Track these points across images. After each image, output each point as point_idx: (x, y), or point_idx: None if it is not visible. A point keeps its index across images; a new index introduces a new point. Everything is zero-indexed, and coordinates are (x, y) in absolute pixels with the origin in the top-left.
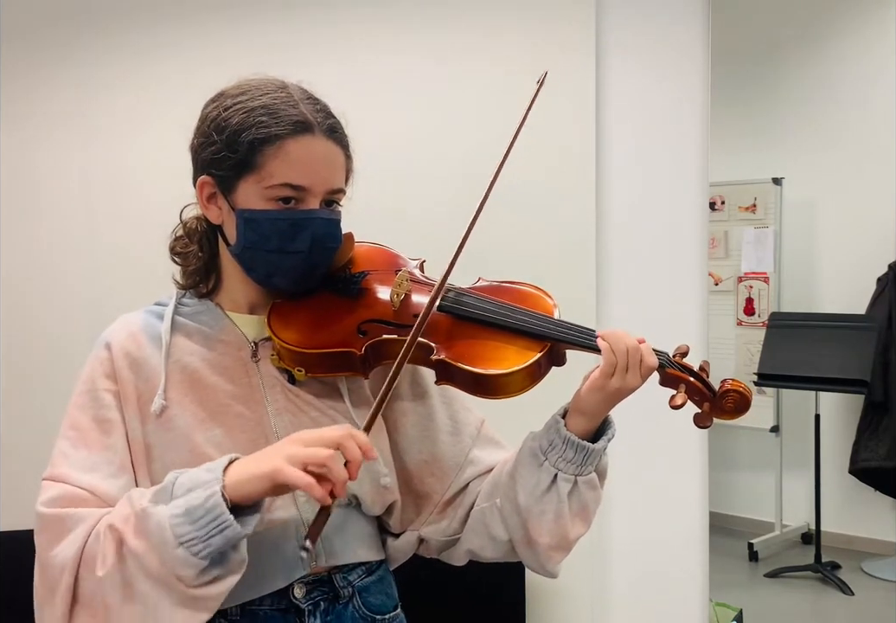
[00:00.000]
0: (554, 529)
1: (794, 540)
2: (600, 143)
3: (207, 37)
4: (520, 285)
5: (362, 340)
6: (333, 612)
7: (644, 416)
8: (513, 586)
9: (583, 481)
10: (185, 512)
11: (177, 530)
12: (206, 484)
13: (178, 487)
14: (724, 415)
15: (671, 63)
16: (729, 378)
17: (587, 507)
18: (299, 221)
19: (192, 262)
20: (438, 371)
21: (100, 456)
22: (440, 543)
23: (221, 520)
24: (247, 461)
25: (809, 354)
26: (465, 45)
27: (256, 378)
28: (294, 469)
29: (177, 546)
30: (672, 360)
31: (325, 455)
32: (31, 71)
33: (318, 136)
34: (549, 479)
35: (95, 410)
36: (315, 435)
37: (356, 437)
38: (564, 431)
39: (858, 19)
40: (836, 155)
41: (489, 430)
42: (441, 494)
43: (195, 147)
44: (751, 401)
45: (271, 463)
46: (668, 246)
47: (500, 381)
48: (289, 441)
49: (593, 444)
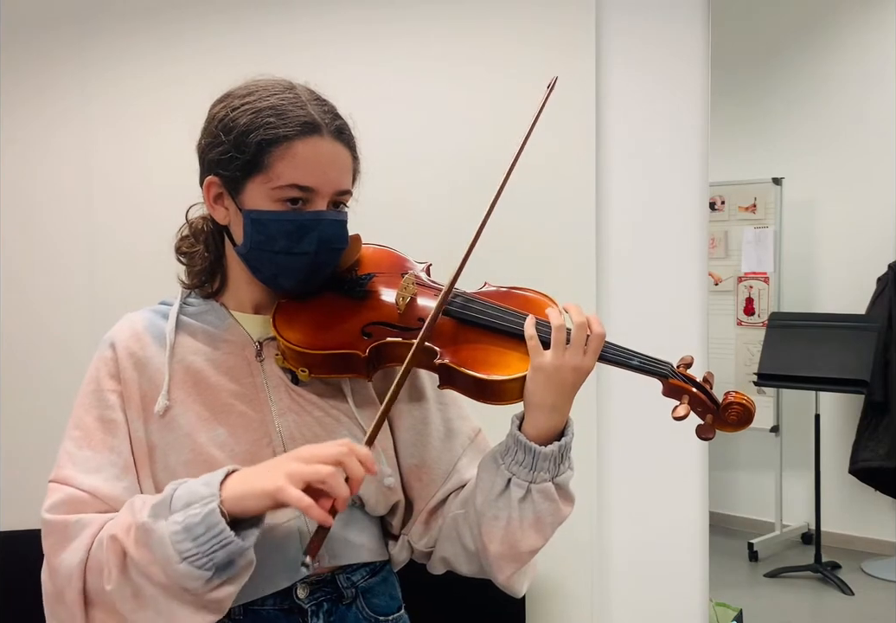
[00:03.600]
0: (504, 537)
1: (794, 540)
2: (600, 144)
3: (212, 38)
4: (525, 291)
5: (367, 342)
6: (337, 613)
7: (644, 416)
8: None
9: (536, 489)
10: (185, 528)
11: (178, 547)
12: (204, 500)
13: (176, 501)
14: (727, 427)
15: (671, 64)
16: (732, 390)
17: (541, 518)
18: (306, 223)
19: (197, 262)
20: (441, 375)
21: (104, 457)
22: (419, 553)
23: (222, 536)
24: (246, 475)
25: (809, 354)
26: (466, 48)
27: (260, 378)
28: (295, 490)
29: (180, 561)
30: (675, 370)
31: (327, 473)
32: (33, 73)
33: (325, 138)
34: (503, 484)
35: (100, 410)
36: (316, 451)
37: (357, 453)
38: (515, 431)
39: (858, 19)
40: (836, 155)
41: (484, 440)
42: (426, 502)
43: (202, 147)
44: (754, 414)
45: (273, 481)
46: (668, 246)
47: (503, 387)
48: (289, 457)
49: (541, 447)
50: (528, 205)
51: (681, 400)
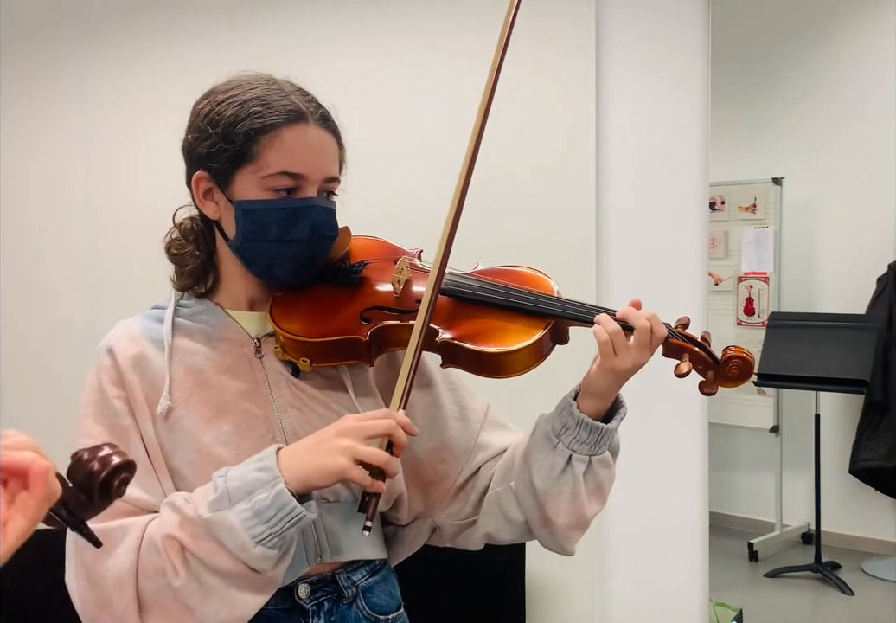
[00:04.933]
0: (571, 509)
1: (794, 540)
2: (600, 144)
3: (212, 36)
4: (518, 267)
5: (367, 327)
6: (337, 613)
7: (644, 416)
8: (513, 586)
9: (597, 460)
10: (255, 513)
11: (252, 532)
12: (268, 484)
13: (235, 492)
14: (729, 382)
15: (671, 63)
16: (731, 345)
17: (602, 485)
18: (298, 210)
19: (189, 262)
20: (444, 353)
21: None
22: (454, 528)
23: (294, 514)
24: (301, 454)
25: (809, 354)
26: (465, 44)
27: (261, 374)
28: (359, 470)
29: (255, 546)
30: (675, 330)
31: (385, 459)
32: (33, 70)
33: (311, 125)
34: (564, 461)
35: (108, 419)
36: (364, 426)
37: (399, 421)
38: (577, 413)
39: (858, 19)
40: (836, 155)
41: (496, 413)
42: (453, 480)
43: (189, 143)
44: (754, 366)
45: (334, 460)
46: (668, 246)
47: (505, 360)
48: (340, 432)
49: (606, 425)
50: (527, 203)
51: (681, 359)
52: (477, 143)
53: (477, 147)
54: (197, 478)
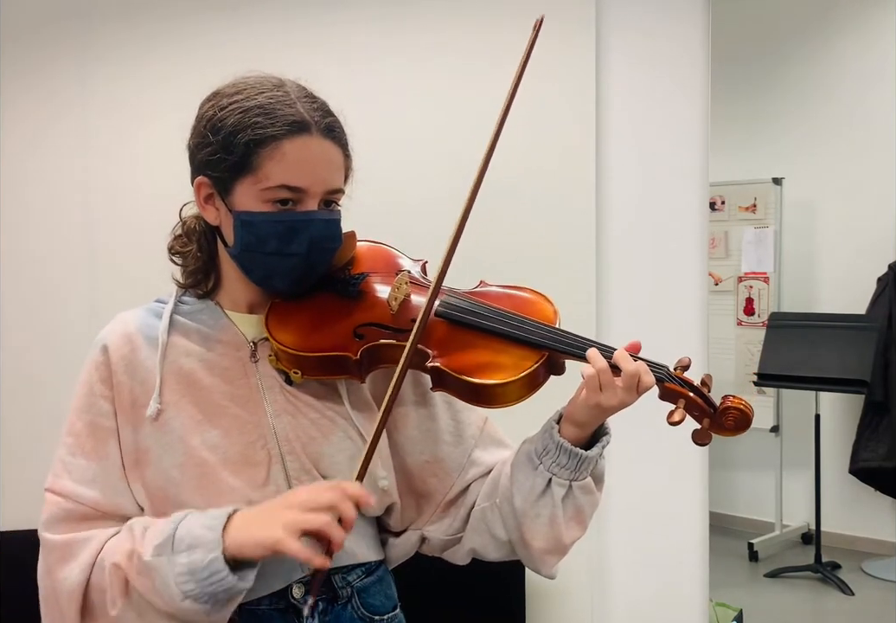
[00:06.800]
0: (548, 533)
1: (794, 540)
2: (600, 143)
3: (212, 35)
4: (522, 291)
5: (358, 344)
6: (332, 613)
7: (644, 416)
8: (513, 586)
9: (578, 486)
10: (189, 571)
11: (182, 587)
12: (207, 545)
13: (179, 543)
14: (724, 432)
15: (671, 63)
16: (730, 394)
17: (582, 511)
18: (297, 224)
19: (190, 261)
20: (433, 378)
21: (97, 465)
22: (442, 542)
23: (225, 581)
24: (247, 522)
25: (809, 354)
26: (465, 44)
27: (255, 379)
28: (294, 542)
29: (183, 599)
30: (671, 373)
31: (322, 522)
32: (32, 69)
33: (315, 136)
34: (544, 484)
35: (91, 416)
36: (310, 498)
37: (349, 492)
38: (557, 437)
39: (858, 19)
40: (836, 155)
41: (492, 428)
42: (443, 495)
43: (192, 147)
44: (752, 419)
45: (271, 533)
46: (668, 246)
47: (496, 391)
48: (284, 505)
49: (586, 452)
50: (527, 205)
51: (676, 404)
52: (485, 166)
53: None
54: (186, 480)
